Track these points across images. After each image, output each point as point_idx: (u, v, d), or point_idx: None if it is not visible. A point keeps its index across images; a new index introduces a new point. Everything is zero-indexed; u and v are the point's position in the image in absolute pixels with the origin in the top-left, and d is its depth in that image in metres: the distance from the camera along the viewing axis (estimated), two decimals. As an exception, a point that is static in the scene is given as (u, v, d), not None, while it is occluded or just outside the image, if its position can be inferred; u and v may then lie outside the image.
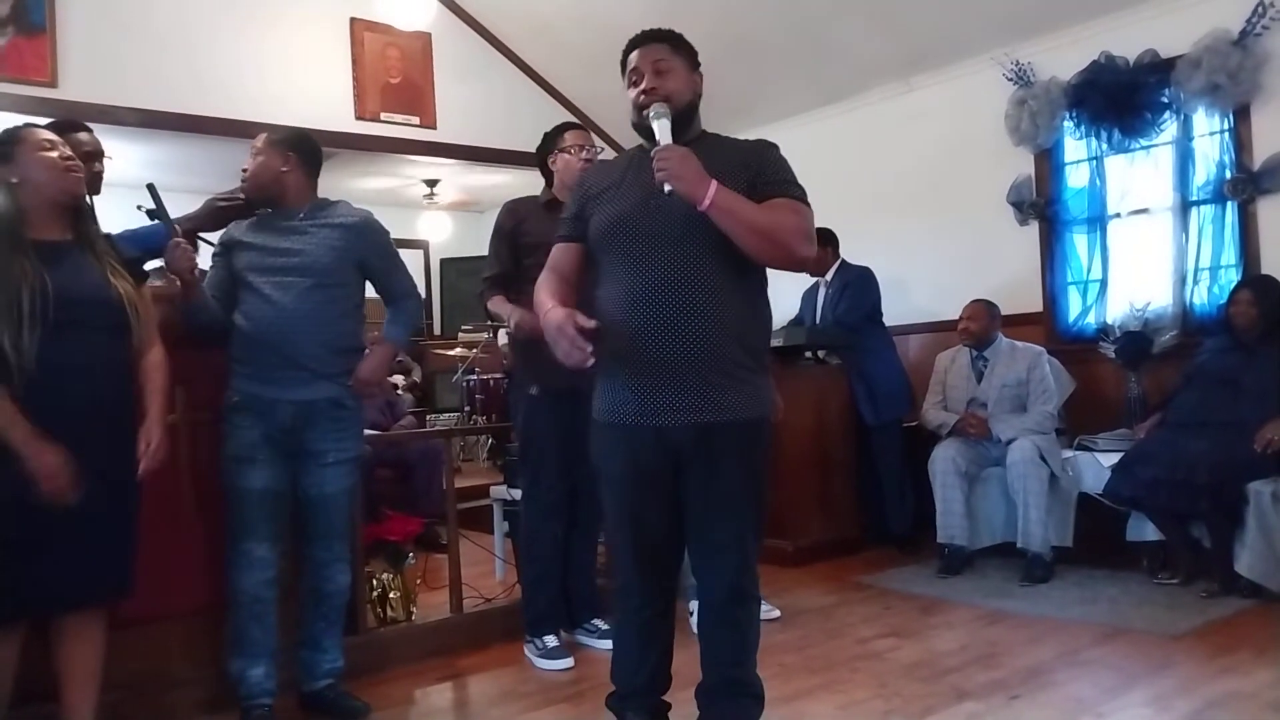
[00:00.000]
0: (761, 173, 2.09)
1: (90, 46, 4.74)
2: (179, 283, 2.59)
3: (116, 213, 3.72)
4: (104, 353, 2.22)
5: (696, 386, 2.02)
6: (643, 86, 2.12)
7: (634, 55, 2.16)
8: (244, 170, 2.75)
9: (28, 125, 2.31)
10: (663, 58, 2.14)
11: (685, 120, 2.14)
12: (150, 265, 3.41)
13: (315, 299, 2.65)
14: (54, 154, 2.23)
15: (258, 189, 2.73)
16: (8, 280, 2.08)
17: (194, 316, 2.64)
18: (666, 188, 1.96)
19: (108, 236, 2.39)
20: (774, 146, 2.18)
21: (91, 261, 2.26)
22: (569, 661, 3.13)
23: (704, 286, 2.02)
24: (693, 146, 2.08)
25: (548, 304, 2.10)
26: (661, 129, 2.04)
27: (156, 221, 3.62)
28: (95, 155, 3.57)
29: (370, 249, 2.80)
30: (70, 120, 3.65)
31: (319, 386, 2.64)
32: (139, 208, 3.69)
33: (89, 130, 3.62)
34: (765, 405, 2.13)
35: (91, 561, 2.18)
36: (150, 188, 2.67)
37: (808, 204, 2.11)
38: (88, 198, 2.32)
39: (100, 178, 3.58)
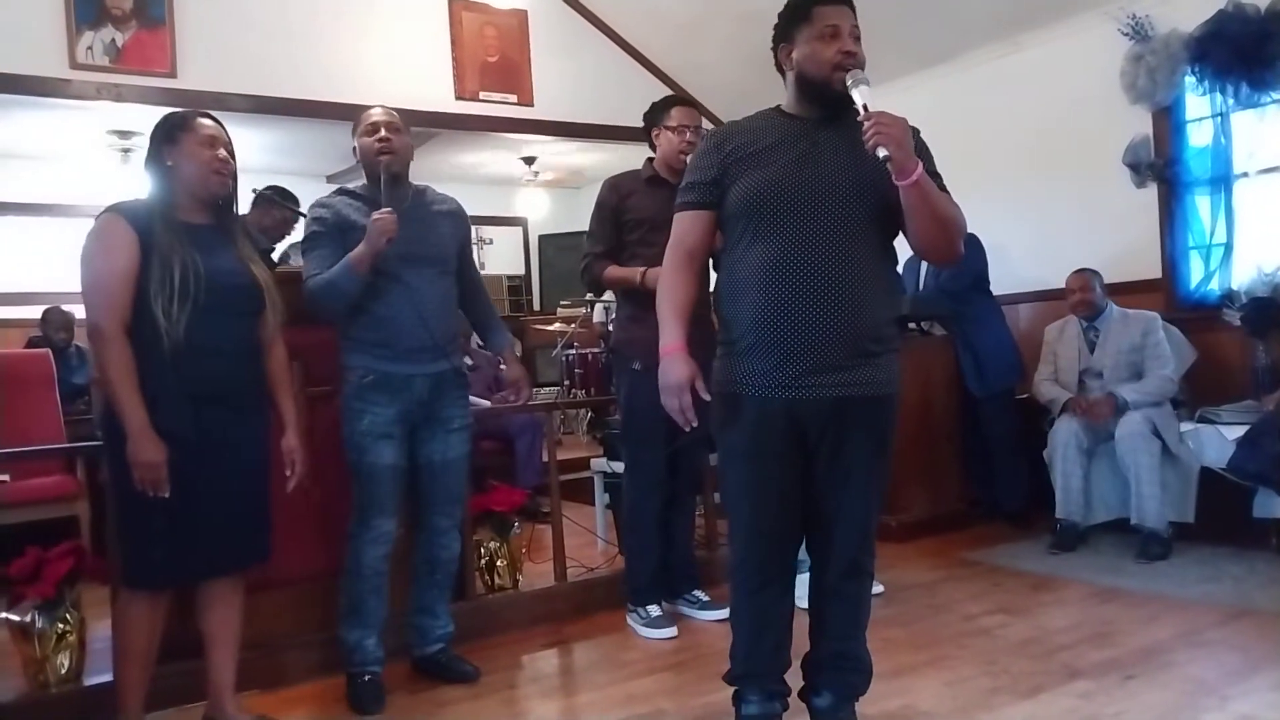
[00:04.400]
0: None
1: (205, 37, 4.94)
2: (365, 252, 2.55)
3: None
4: (243, 334, 2.34)
5: (836, 360, 1.99)
6: (847, 49, 1.97)
7: (829, 10, 2.00)
8: (385, 140, 2.69)
9: (201, 114, 2.38)
10: (856, 25, 2.02)
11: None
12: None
13: (443, 284, 2.76)
14: (210, 153, 2.31)
15: (404, 165, 2.76)
16: (165, 256, 2.19)
17: (352, 292, 2.60)
18: (881, 152, 1.85)
19: (244, 227, 2.51)
20: (918, 131, 2.06)
21: (231, 246, 2.36)
22: (673, 630, 3.16)
23: (852, 259, 1.98)
24: (841, 123, 1.99)
25: (671, 328, 2.07)
26: (864, 95, 1.92)
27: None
28: None
29: (466, 235, 2.94)
30: None
31: (445, 361, 2.75)
32: (253, 191, 3.92)
33: None
34: (896, 381, 2.10)
35: (236, 532, 2.32)
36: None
37: None
38: (235, 194, 2.41)
39: None
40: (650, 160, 3.32)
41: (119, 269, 2.17)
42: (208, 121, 2.36)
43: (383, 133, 2.70)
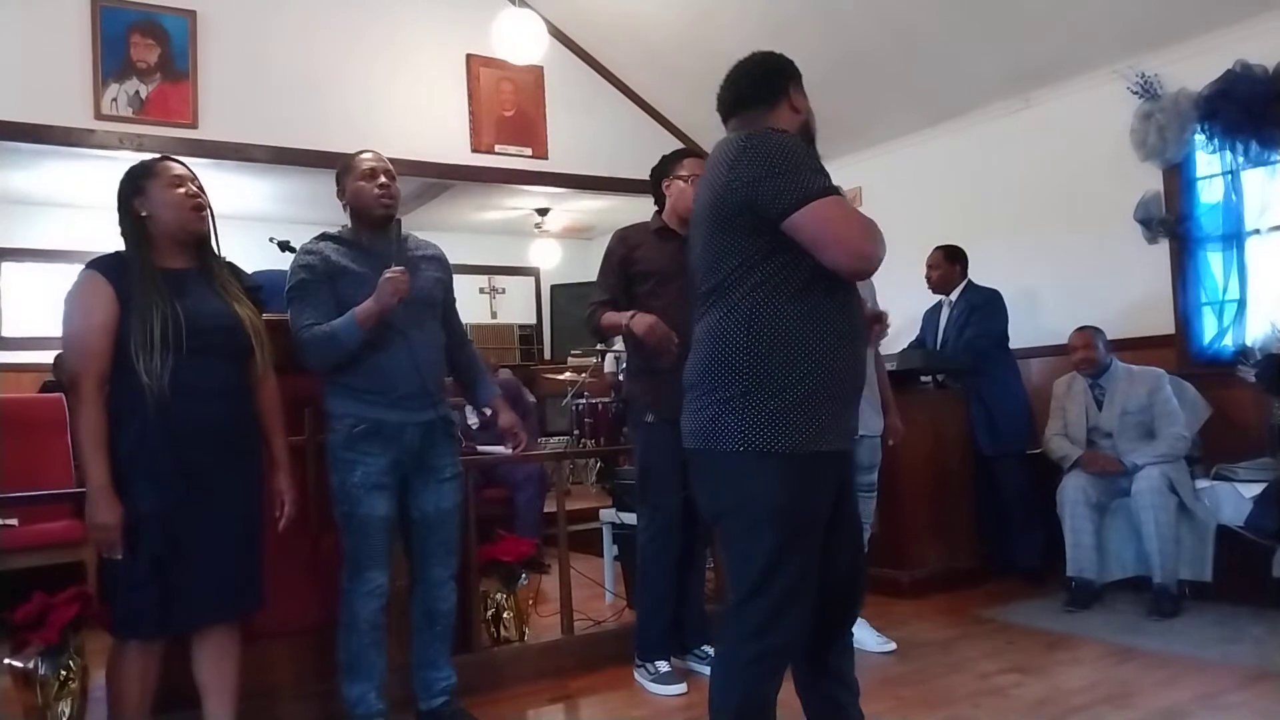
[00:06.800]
0: None
1: (227, 90, 5.04)
2: (374, 309, 2.52)
3: (243, 245, 4.00)
4: (230, 377, 2.31)
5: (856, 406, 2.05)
6: None
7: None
8: (385, 187, 2.67)
9: (163, 159, 2.39)
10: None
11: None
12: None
13: (433, 329, 2.75)
14: (181, 191, 2.30)
15: (396, 209, 2.74)
16: (144, 309, 2.18)
17: (353, 347, 2.56)
18: None
19: (231, 265, 2.46)
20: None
21: (214, 288, 2.34)
22: (682, 687, 3.11)
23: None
24: None
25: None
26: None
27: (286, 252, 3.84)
28: None
29: (449, 281, 2.89)
30: None
31: (433, 410, 2.70)
32: (271, 239, 3.93)
33: None
34: None
35: (225, 578, 2.28)
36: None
37: None
38: (212, 230, 2.38)
39: None
40: (658, 213, 3.34)
41: (96, 325, 2.18)
42: (171, 163, 2.35)
43: (383, 179, 2.67)
